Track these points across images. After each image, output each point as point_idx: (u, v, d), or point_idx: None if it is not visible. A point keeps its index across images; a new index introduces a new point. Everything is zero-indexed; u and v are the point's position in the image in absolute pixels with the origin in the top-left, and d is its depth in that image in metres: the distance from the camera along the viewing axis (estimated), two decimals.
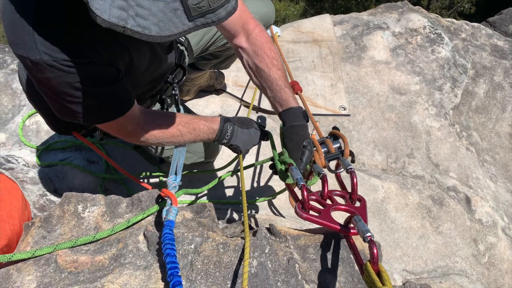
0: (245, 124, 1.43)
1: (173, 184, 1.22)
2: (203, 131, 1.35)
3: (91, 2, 0.71)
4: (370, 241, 0.86)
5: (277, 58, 1.42)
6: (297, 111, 1.36)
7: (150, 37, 0.77)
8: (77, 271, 0.98)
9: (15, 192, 1.31)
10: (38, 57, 0.93)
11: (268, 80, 1.40)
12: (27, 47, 0.93)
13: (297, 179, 1.12)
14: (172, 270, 0.87)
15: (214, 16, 0.80)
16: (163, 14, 0.76)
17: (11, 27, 0.93)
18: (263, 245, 1.05)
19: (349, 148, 1.33)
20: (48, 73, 0.97)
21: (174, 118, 1.30)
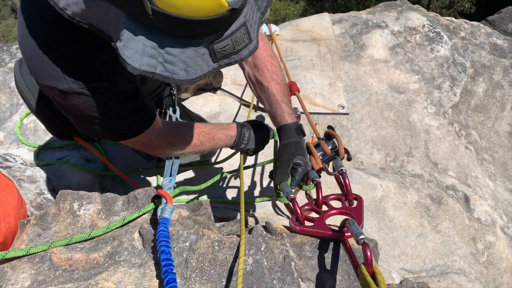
0: (259, 127, 1.46)
1: (168, 185, 1.22)
2: (221, 139, 1.37)
3: (122, 51, 0.74)
4: (363, 243, 0.87)
5: (277, 73, 1.42)
6: (291, 128, 1.36)
7: (178, 81, 0.80)
8: (72, 269, 0.98)
9: (11, 190, 1.31)
10: (66, 87, 0.96)
11: (266, 94, 1.41)
12: (55, 79, 0.96)
13: (287, 192, 1.15)
14: (166, 267, 0.86)
15: (237, 57, 0.82)
16: (191, 60, 0.78)
17: (36, 61, 0.95)
18: (259, 243, 1.04)
19: (345, 146, 1.34)
20: (76, 100, 1.00)
21: (194, 128, 1.32)
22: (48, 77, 0.96)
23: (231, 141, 1.39)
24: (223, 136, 1.37)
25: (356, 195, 1.19)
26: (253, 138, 1.42)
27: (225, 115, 2.35)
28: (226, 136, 1.37)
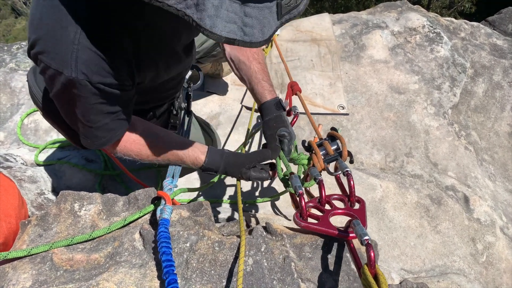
0: (231, 174, 1.29)
1: (169, 186, 1.22)
2: (186, 162, 1.29)
3: (203, 21, 0.72)
4: (367, 244, 0.87)
5: (258, 52, 1.46)
6: (269, 104, 1.40)
7: (255, 43, 0.79)
8: (73, 269, 0.98)
9: (12, 191, 1.31)
10: (74, 75, 0.94)
11: (248, 72, 1.44)
12: (65, 62, 0.94)
13: (295, 187, 1.14)
14: (167, 268, 0.87)
15: (296, 11, 0.81)
16: (266, 19, 0.78)
17: (51, 39, 0.93)
18: (259, 244, 1.05)
19: (348, 148, 1.34)
20: (76, 91, 0.99)
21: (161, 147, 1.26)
22: (57, 58, 0.94)
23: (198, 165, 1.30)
24: (189, 161, 1.29)
25: (358, 198, 1.19)
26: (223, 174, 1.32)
27: (225, 116, 2.35)
28: (193, 164, 1.29)
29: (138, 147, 1.23)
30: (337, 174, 1.32)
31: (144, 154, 1.24)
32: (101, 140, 1.14)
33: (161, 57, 1.22)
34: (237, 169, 1.25)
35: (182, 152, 1.26)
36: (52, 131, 2.21)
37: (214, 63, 2.35)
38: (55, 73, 0.96)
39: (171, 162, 1.29)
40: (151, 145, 1.24)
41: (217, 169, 1.26)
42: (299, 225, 1.06)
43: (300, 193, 1.10)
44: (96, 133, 1.12)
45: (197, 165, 1.26)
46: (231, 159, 1.27)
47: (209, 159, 1.26)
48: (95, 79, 0.97)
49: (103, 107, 1.06)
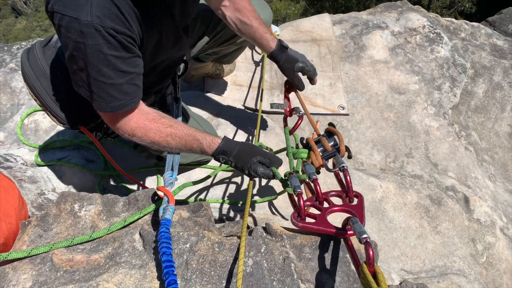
0: (242, 162, 1.31)
1: (170, 180, 1.22)
2: (195, 151, 1.34)
3: None
4: (366, 242, 0.86)
5: (254, 11, 1.65)
6: (276, 51, 1.66)
7: None
8: (73, 270, 0.98)
9: (12, 191, 1.31)
10: (89, 19, 0.99)
11: (251, 30, 1.64)
12: (80, 7, 0.99)
13: (294, 186, 1.13)
14: (167, 268, 0.87)
15: None
16: None
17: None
18: (259, 244, 1.05)
19: (345, 144, 1.34)
20: (89, 39, 1.02)
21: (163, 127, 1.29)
22: (72, 4, 0.99)
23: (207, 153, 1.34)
24: (198, 150, 1.33)
25: (356, 193, 1.18)
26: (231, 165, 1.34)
27: (226, 116, 2.35)
28: (201, 151, 1.33)
29: (156, 125, 1.26)
30: (335, 171, 1.31)
31: (163, 133, 1.26)
32: (115, 102, 1.16)
33: (163, 24, 1.28)
34: (249, 158, 1.29)
35: (199, 134, 1.31)
36: (52, 131, 2.21)
37: (214, 63, 2.35)
38: (70, 22, 1.00)
39: (187, 145, 1.30)
40: (169, 125, 1.28)
41: (231, 152, 1.29)
42: (296, 225, 1.05)
43: (299, 192, 1.09)
44: (110, 91, 1.14)
45: (213, 147, 1.30)
46: (247, 146, 1.33)
47: (225, 142, 1.31)
48: (109, 24, 1.02)
49: (117, 61, 1.10)
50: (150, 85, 1.57)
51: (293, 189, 1.11)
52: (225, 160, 1.31)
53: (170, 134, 1.27)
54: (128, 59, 1.14)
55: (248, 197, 1.24)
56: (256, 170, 1.29)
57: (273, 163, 1.32)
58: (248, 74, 2.60)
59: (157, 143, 1.28)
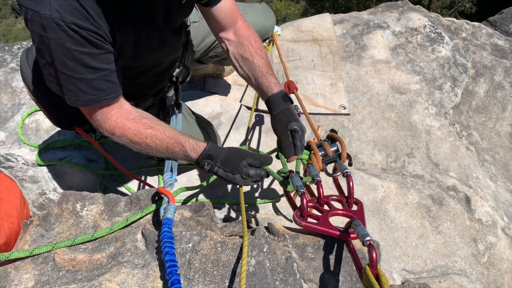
0: (230, 167, 1.21)
1: (169, 181, 1.21)
2: (178, 155, 1.25)
3: None
4: (369, 245, 0.87)
5: (261, 49, 1.48)
6: (277, 97, 1.37)
7: None
8: (75, 270, 0.98)
9: (14, 191, 1.31)
10: (48, 13, 0.97)
11: (252, 68, 1.44)
12: (41, 1, 0.97)
13: (297, 186, 1.13)
14: (171, 268, 0.87)
15: None
16: None
17: None
18: (261, 244, 1.05)
19: (347, 151, 1.34)
20: (51, 33, 1.00)
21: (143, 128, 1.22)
22: (36, 0, 0.97)
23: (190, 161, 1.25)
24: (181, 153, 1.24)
25: (356, 199, 1.19)
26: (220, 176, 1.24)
27: (226, 115, 2.35)
28: (184, 155, 1.24)
29: (136, 126, 1.20)
30: (335, 176, 1.32)
31: (143, 134, 1.19)
32: (86, 96, 1.12)
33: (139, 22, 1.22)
34: (239, 161, 1.20)
35: (182, 136, 1.22)
36: (53, 131, 2.21)
37: (215, 64, 2.35)
38: (33, 15, 0.99)
39: (168, 148, 1.21)
40: (150, 126, 1.21)
41: (217, 157, 1.19)
42: (299, 224, 1.05)
43: (302, 192, 1.09)
44: (79, 85, 1.10)
45: (197, 150, 1.20)
46: (234, 150, 1.24)
47: (211, 146, 1.21)
48: (69, 18, 0.99)
49: (83, 57, 1.07)
50: (146, 87, 1.56)
51: (296, 188, 1.12)
52: (210, 165, 1.20)
53: (150, 136, 1.20)
54: (98, 55, 1.11)
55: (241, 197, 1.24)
56: (248, 173, 1.20)
57: (264, 163, 1.25)
58: None
59: (137, 144, 1.22)
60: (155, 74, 1.53)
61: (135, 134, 1.20)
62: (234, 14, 1.50)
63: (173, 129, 1.26)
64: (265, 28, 2.14)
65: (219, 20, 1.47)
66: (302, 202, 1.07)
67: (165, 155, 1.24)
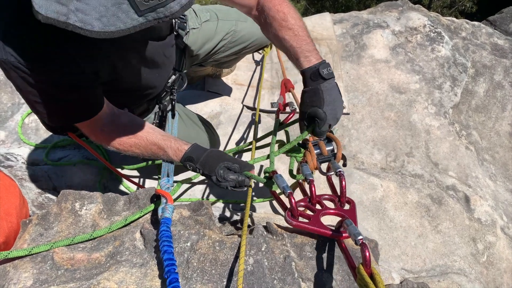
0: (208, 168, 1.21)
1: (166, 185, 1.22)
2: (162, 158, 1.32)
3: (33, 1, 0.71)
4: (362, 244, 0.86)
5: (287, 18, 1.27)
6: (307, 74, 1.23)
7: (94, 33, 0.74)
8: (74, 268, 0.98)
9: (13, 190, 1.32)
10: (4, 57, 0.95)
11: (282, 44, 1.29)
12: None
13: (283, 187, 1.09)
14: (169, 267, 0.87)
15: (166, 11, 0.75)
16: (105, 8, 0.73)
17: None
18: (260, 243, 1.05)
19: (347, 150, 1.34)
20: (12, 73, 0.99)
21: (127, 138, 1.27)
22: None
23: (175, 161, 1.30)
24: (164, 158, 1.31)
25: (348, 198, 1.19)
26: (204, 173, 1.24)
27: (226, 115, 2.35)
28: (167, 159, 1.31)
29: (120, 136, 1.24)
30: (329, 175, 1.32)
31: (127, 143, 1.26)
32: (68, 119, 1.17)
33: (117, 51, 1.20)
34: (216, 163, 1.19)
35: (166, 142, 1.26)
36: None
37: (214, 66, 2.35)
38: None
39: (154, 155, 1.28)
40: (133, 135, 1.25)
41: (197, 159, 1.22)
42: (290, 224, 1.05)
43: (290, 193, 1.07)
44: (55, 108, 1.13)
45: (179, 155, 1.24)
46: (215, 152, 1.25)
47: (193, 149, 1.24)
48: (25, 60, 0.96)
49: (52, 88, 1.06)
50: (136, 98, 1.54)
51: (283, 190, 1.08)
52: (192, 167, 1.23)
53: (134, 145, 1.26)
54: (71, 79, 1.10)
55: (249, 196, 1.24)
56: (224, 176, 1.18)
57: (244, 168, 1.21)
58: (249, 74, 2.60)
59: (124, 152, 1.28)
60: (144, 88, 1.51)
61: (120, 144, 1.26)
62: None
63: (156, 134, 1.29)
64: None
65: (243, 4, 1.34)
66: (290, 203, 1.06)
67: (152, 158, 1.32)
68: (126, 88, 1.39)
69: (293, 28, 1.26)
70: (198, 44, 1.80)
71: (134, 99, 1.53)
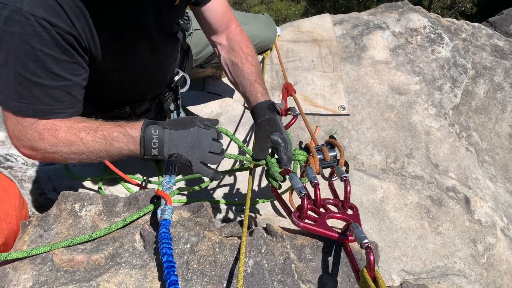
0: (181, 124, 1.07)
1: (168, 185, 1.21)
2: (118, 139, 1.04)
3: None
4: (367, 247, 0.87)
5: (253, 55, 1.43)
6: (263, 106, 1.31)
7: None
8: (73, 270, 0.98)
9: (13, 191, 1.31)
10: (19, 5, 0.88)
11: (240, 74, 1.39)
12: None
13: (298, 188, 1.10)
14: (168, 269, 0.87)
15: None
16: None
17: None
18: (260, 245, 1.05)
19: (347, 152, 1.34)
20: (16, 27, 0.90)
21: (75, 123, 1.06)
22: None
23: (135, 144, 1.05)
24: (120, 135, 1.04)
25: (352, 204, 1.20)
26: (172, 140, 1.04)
27: (226, 116, 2.35)
28: (124, 135, 1.04)
29: (67, 123, 1.04)
30: (332, 180, 1.32)
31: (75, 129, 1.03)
32: (40, 105, 0.98)
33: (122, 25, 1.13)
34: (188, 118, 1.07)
35: (120, 122, 1.08)
36: None
37: (214, 68, 2.36)
38: None
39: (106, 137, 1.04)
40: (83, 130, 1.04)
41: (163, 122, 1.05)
42: (297, 225, 1.05)
43: (304, 194, 1.08)
44: (35, 91, 0.96)
45: (138, 125, 1.05)
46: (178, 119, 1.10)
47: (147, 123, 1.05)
48: (40, 13, 0.90)
49: (46, 59, 0.95)
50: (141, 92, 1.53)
51: (298, 190, 1.10)
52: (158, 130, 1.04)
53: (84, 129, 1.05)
54: (64, 63, 0.99)
55: (248, 198, 1.24)
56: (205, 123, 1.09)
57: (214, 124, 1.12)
58: None
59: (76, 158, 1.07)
60: (148, 83, 1.48)
61: (66, 131, 1.04)
62: (226, 16, 1.45)
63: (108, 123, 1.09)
64: (267, 39, 2.15)
65: (210, 22, 1.43)
66: (303, 204, 1.07)
67: (103, 147, 1.05)
68: (130, 81, 1.36)
69: (255, 67, 1.40)
70: (201, 45, 1.81)
71: (136, 93, 1.51)
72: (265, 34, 2.10)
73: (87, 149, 1.04)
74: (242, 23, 1.87)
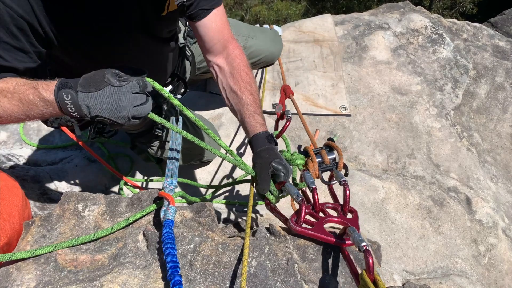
0: (94, 84, 0.97)
1: (170, 187, 1.22)
2: (36, 103, 1.00)
3: None
4: (365, 250, 0.87)
5: (251, 83, 1.40)
6: (261, 136, 1.31)
7: None
8: (77, 270, 0.98)
9: (16, 191, 1.31)
10: None
11: (239, 103, 1.38)
12: None
13: (295, 193, 1.13)
14: (172, 269, 0.87)
15: None
16: None
17: None
18: (263, 245, 1.05)
19: (350, 150, 1.34)
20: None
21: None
22: None
23: (54, 107, 0.99)
24: (36, 98, 0.99)
25: (351, 208, 1.20)
26: (89, 102, 0.96)
27: (228, 116, 2.35)
28: (40, 99, 0.99)
29: None
30: (331, 184, 1.32)
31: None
32: None
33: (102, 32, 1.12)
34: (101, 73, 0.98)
35: (36, 81, 1.01)
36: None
37: None
38: None
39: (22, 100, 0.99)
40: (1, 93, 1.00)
41: (75, 82, 0.97)
42: (293, 229, 1.07)
43: (302, 199, 1.10)
44: None
45: (51, 86, 0.98)
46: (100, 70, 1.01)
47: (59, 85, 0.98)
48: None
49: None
50: None
51: (295, 197, 1.12)
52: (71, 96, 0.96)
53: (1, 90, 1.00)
54: (4, 44, 0.98)
55: (251, 198, 1.24)
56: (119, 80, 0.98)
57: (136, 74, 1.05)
58: None
59: None
60: None
61: None
62: (222, 36, 1.39)
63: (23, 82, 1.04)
64: (272, 54, 2.13)
65: (205, 39, 1.38)
66: (300, 209, 1.08)
67: (21, 111, 1.01)
68: None
69: (254, 96, 1.37)
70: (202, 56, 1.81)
71: None
72: (271, 50, 2.09)
73: (4, 112, 1.00)
74: (248, 37, 1.86)
